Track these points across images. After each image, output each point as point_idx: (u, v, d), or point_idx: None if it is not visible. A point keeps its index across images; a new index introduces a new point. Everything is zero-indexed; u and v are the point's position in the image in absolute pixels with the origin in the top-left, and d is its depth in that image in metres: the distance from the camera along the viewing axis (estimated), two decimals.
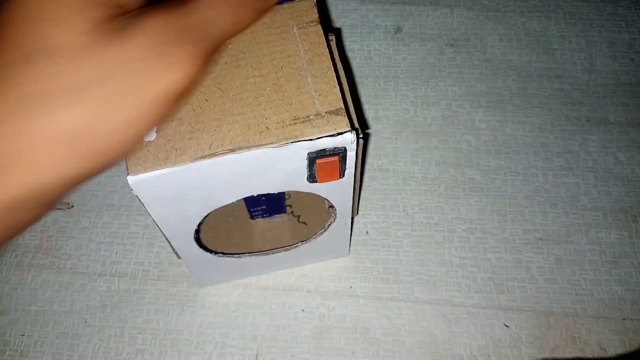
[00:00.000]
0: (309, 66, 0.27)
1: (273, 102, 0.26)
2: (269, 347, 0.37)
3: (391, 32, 0.50)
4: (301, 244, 0.36)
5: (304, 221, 0.38)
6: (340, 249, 0.39)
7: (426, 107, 0.47)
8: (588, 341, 0.37)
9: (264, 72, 0.27)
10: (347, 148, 0.27)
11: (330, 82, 0.27)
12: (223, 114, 0.26)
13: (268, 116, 0.26)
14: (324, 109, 0.26)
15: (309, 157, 0.27)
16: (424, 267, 0.40)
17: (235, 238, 0.38)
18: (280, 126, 0.26)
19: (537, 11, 0.51)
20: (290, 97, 0.27)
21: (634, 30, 0.50)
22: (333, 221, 0.34)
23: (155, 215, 0.28)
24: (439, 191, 0.43)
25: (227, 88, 0.27)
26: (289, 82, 0.27)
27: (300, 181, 0.29)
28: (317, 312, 0.38)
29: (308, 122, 0.26)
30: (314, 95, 0.27)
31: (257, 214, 0.38)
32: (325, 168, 0.28)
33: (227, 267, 0.37)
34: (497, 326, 0.38)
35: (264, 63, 0.27)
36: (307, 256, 0.39)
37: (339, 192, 0.31)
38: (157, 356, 0.37)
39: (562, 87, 0.47)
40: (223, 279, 0.39)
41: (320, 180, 0.29)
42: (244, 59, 0.27)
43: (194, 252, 0.34)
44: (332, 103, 0.26)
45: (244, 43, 0.28)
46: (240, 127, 0.26)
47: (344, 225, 0.35)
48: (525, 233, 0.41)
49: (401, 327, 0.38)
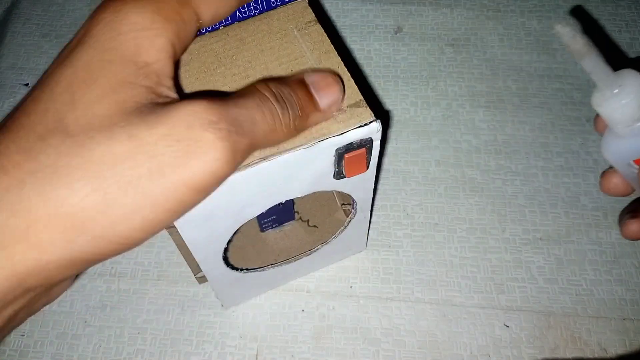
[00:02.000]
0: (318, 65, 0.27)
1: None
2: (269, 347, 0.37)
3: (391, 32, 0.50)
4: (321, 246, 0.36)
5: (314, 224, 0.38)
6: (358, 244, 0.39)
7: (426, 107, 0.47)
8: (588, 341, 0.37)
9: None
10: (372, 138, 0.27)
11: (344, 76, 0.27)
12: None
13: None
14: (345, 103, 0.26)
15: (337, 153, 0.27)
16: (424, 267, 0.40)
17: (249, 254, 0.37)
18: None
19: (537, 11, 0.51)
20: None
21: (634, 30, 0.50)
22: (353, 216, 0.34)
23: (188, 239, 0.28)
24: (439, 191, 0.43)
25: None
26: None
27: (327, 180, 0.29)
28: (317, 312, 0.38)
29: (332, 119, 0.26)
30: None
31: (268, 225, 0.38)
32: (353, 162, 0.28)
33: (251, 283, 0.36)
34: (497, 326, 0.38)
35: (272, 69, 0.27)
36: (327, 257, 0.38)
37: (362, 186, 0.31)
38: (157, 356, 0.37)
39: (562, 87, 0.47)
40: (247, 296, 0.38)
41: (348, 175, 0.29)
42: (251, 68, 0.27)
43: (221, 272, 0.33)
44: (350, 96, 0.26)
45: (247, 52, 0.27)
46: None
47: (363, 220, 0.35)
48: (525, 233, 0.41)
49: (401, 327, 0.38)
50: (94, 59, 0.20)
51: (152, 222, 0.19)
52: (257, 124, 0.21)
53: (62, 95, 0.19)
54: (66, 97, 0.19)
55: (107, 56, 0.20)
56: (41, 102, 0.19)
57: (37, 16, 0.52)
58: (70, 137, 0.18)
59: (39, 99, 0.20)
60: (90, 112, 0.19)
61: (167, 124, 0.19)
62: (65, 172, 0.18)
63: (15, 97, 0.47)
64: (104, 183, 0.18)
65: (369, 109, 0.26)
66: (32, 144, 0.18)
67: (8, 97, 0.48)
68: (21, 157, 0.18)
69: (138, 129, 0.19)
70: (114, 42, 0.20)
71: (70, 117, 0.19)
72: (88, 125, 0.19)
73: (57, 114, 0.19)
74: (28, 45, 0.50)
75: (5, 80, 0.48)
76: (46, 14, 0.52)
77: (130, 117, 0.19)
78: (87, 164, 0.18)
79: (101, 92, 0.19)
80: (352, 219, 0.34)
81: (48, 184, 0.18)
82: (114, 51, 0.20)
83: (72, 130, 0.18)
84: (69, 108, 0.19)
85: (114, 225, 0.19)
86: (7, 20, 0.52)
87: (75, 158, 0.18)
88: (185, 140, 0.19)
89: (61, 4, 0.53)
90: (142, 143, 0.19)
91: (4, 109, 0.47)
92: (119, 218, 0.19)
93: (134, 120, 0.19)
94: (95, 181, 0.18)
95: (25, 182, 0.18)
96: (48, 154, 0.18)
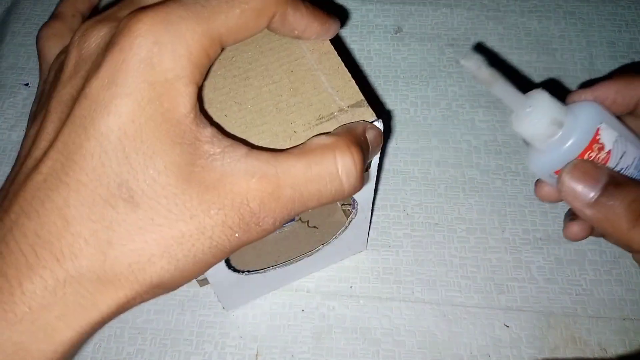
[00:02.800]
0: (318, 65, 0.27)
1: (293, 106, 0.26)
2: (269, 347, 0.37)
3: (391, 32, 0.50)
4: (322, 247, 0.36)
5: (314, 225, 0.38)
6: (358, 244, 0.39)
7: (426, 107, 0.47)
8: (588, 341, 0.37)
9: (276, 79, 0.27)
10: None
11: (344, 77, 0.27)
12: (247, 127, 0.25)
13: (292, 120, 0.26)
14: (346, 103, 0.26)
15: None
16: (424, 267, 0.40)
17: (249, 255, 0.37)
18: (308, 128, 0.25)
19: (537, 11, 0.51)
20: (310, 98, 0.26)
21: (634, 30, 0.50)
22: (353, 217, 0.34)
23: None
24: (439, 191, 0.43)
25: (243, 100, 0.26)
26: (304, 84, 0.27)
27: None
28: (317, 312, 0.38)
29: (334, 119, 0.26)
30: (332, 93, 0.26)
31: None
32: None
33: (252, 285, 0.36)
34: (497, 326, 0.38)
35: (273, 70, 0.27)
36: (328, 257, 0.38)
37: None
38: (157, 356, 0.37)
39: (562, 87, 0.47)
40: (248, 297, 0.38)
41: None
42: (252, 70, 0.27)
43: (223, 274, 0.33)
44: (351, 97, 0.26)
45: (247, 54, 0.27)
46: (267, 136, 0.25)
47: (363, 220, 0.35)
48: (525, 233, 0.41)
49: (401, 327, 0.38)
50: (137, 112, 0.20)
51: (196, 272, 0.22)
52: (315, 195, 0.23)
53: (116, 152, 0.19)
54: (120, 154, 0.19)
55: (149, 110, 0.20)
56: (94, 156, 0.19)
57: (37, 16, 0.52)
58: (139, 208, 0.20)
59: (90, 152, 0.19)
60: (150, 178, 0.20)
61: (223, 206, 0.21)
62: (140, 247, 0.20)
63: (16, 97, 0.47)
64: (175, 257, 0.20)
65: (370, 109, 0.26)
66: (102, 211, 0.19)
67: (8, 97, 0.48)
68: (97, 226, 0.19)
69: (197, 209, 0.20)
70: (152, 92, 0.20)
71: (132, 183, 0.20)
72: (153, 195, 0.20)
73: (117, 176, 0.20)
74: (28, 45, 0.50)
75: (5, 80, 0.48)
76: (46, 14, 0.52)
77: (186, 187, 0.20)
78: (161, 239, 0.20)
79: (153, 154, 0.20)
80: (353, 220, 0.34)
81: (126, 258, 0.20)
82: (155, 105, 0.20)
83: (138, 201, 0.20)
84: (127, 170, 0.20)
85: (179, 285, 0.22)
86: (7, 20, 0.52)
87: (147, 234, 0.20)
88: (239, 226, 0.21)
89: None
90: (202, 226, 0.20)
91: (4, 108, 0.47)
92: (184, 281, 0.21)
93: (192, 192, 0.20)
94: (167, 256, 0.20)
95: (107, 254, 0.19)
96: (120, 224, 0.20)
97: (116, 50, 0.20)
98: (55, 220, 0.19)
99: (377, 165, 0.29)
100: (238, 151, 0.21)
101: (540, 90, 0.25)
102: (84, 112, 0.20)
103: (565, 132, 0.24)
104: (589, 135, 0.24)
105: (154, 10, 0.20)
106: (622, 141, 0.25)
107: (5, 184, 0.22)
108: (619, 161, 0.25)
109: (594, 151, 0.24)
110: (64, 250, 0.19)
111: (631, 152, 0.25)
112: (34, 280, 0.19)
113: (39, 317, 0.19)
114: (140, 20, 0.20)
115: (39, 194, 0.19)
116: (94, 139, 0.19)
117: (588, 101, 0.26)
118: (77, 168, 0.19)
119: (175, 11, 0.20)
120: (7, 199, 0.20)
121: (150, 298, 0.21)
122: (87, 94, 0.20)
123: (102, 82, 0.20)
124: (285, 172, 0.21)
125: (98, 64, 0.20)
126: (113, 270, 0.19)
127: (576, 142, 0.24)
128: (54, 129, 0.21)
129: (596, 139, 0.24)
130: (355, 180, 0.23)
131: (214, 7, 0.21)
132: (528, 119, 0.24)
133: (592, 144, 0.24)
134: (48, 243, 0.19)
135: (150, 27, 0.20)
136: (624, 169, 0.25)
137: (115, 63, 0.20)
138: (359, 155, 0.23)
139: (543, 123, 0.24)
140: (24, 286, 0.19)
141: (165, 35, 0.20)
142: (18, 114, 0.47)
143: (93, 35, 0.21)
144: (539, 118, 0.24)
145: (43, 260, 0.19)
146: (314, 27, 0.26)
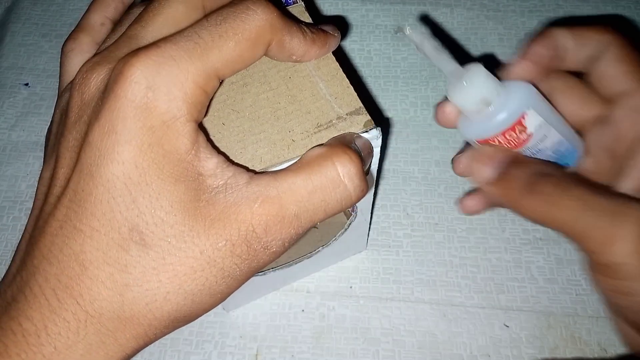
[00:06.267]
0: (316, 72, 0.27)
1: (292, 114, 0.26)
2: (269, 347, 0.37)
3: (391, 32, 0.50)
4: (322, 248, 0.36)
5: (314, 226, 0.38)
6: (358, 245, 0.39)
7: (426, 107, 0.47)
8: (588, 341, 0.37)
9: (273, 86, 0.27)
10: (373, 145, 0.27)
11: (343, 83, 0.27)
12: (244, 135, 0.25)
13: (290, 128, 0.26)
14: (344, 111, 0.26)
15: None
16: (424, 267, 0.40)
17: None
18: (306, 136, 0.25)
19: (537, 11, 0.51)
20: (308, 106, 0.26)
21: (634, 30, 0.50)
22: (353, 219, 0.34)
23: None
24: (439, 191, 0.43)
25: (241, 108, 0.26)
26: (302, 91, 0.27)
27: None
28: (317, 312, 0.38)
29: (332, 127, 0.26)
30: (331, 100, 0.26)
31: None
32: None
33: (253, 286, 0.36)
34: (497, 326, 0.38)
35: (270, 77, 0.27)
36: (327, 258, 0.38)
37: None
38: (157, 356, 0.37)
39: None
40: (249, 299, 0.38)
41: None
42: (249, 77, 0.27)
43: None
44: (350, 104, 0.26)
45: None
46: (265, 144, 0.25)
47: (363, 222, 0.35)
48: (525, 233, 0.41)
49: (401, 327, 0.38)
50: (139, 158, 0.20)
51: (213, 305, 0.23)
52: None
53: (124, 197, 0.20)
54: (127, 199, 0.20)
55: (151, 154, 0.20)
56: (103, 202, 0.20)
57: (37, 16, 0.52)
58: (150, 250, 0.20)
59: (99, 198, 0.20)
60: (158, 219, 0.20)
61: (230, 237, 0.21)
62: (155, 286, 0.21)
63: (16, 97, 0.47)
64: (190, 292, 0.21)
65: (368, 116, 0.26)
66: (116, 255, 0.20)
67: (8, 97, 0.48)
68: (113, 270, 0.20)
69: (205, 244, 0.21)
70: (152, 136, 0.20)
71: (142, 226, 0.20)
72: (162, 235, 0.20)
73: (126, 221, 0.20)
74: (28, 45, 0.50)
75: (5, 80, 0.48)
76: (46, 14, 0.52)
77: (193, 223, 0.21)
78: (174, 277, 0.21)
79: (158, 195, 0.20)
80: (352, 221, 0.34)
81: (143, 298, 0.21)
82: (156, 148, 0.20)
83: (149, 243, 0.20)
84: (136, 213, 0.20)
85: (198, 316, 0.23)
86: (7, 20, 0.52)
87: (161, 273, 0.21)
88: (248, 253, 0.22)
89: (61, 4, 0.53)
90: (212, 259, 0.21)
91: (4, 108, 0.47)
92: (202, 312, 0.22)
93: (199, 228, 0.21)
94: (182, 292, 0.21)
95: (124, 296, 0.20)
96: (135, 266, 0.20)
97: (112, 98, 0.20)
98: (74, 265, 0.20)
99: (376, 169, 0.29)
100: (240, 180, 0.21)
101: (477, 65, 0.26)
102: (90, 160, 0.20)
103: (493, 110, 0.26)
104: (513, 117, 0.26)
105: (147, 54, 0.20)
106: (545, 126, 0.26)
107: (27, 226, 0.23)
108: (537, 143, 0.27)
109: (515, 132, 0.26)
110: (83, 293, 0.20)
111: (552, 137, 0.27)
112: (58, 322, 0.20)
113: (65, 356, 0.20)
114: (132, 65, 0.20)
115: (57, 240, 0.21)
116: (101, 186, 0.20)
117: (523, 83, 0.27)
118: (89, 214, 0.20)
119: (168, 52, 0.20)
120: (30, 243, 0.22)
121: (171, 331, 0.22)
122: (90, 141, 0.20)
123: (103, 129, 0.20)
124: (287, 190, 0.22)
125: (98, 111, 0.21)
126: (131, 310, 0.20)
127: (501, 121, 0.26)
128: (64, 174, 0.22)
129: (520, 122, 0.26)
130: (360, 181, 0.23)
131: (207, 43, 0.21)
132: (462, 93, 0.26)
133: (515, 125, 0.26)
134: (68, 287, 0.20)
135: (143, 72, 0.20)
136: (541, 151, 0.27)
137: (112, 111, 0.20)
138: (357, 157, 0.23)
139: (474, 100, 0.26)
140: (49, 328, 0.20)
141: (158, 78, 0.20)
142: (18, 114, 0.47)
143: (93, 78, 0.22)
144: (471, 94, 0.25)
145: (65, 304, 0.20)
146: (313, 51, 0.26)
